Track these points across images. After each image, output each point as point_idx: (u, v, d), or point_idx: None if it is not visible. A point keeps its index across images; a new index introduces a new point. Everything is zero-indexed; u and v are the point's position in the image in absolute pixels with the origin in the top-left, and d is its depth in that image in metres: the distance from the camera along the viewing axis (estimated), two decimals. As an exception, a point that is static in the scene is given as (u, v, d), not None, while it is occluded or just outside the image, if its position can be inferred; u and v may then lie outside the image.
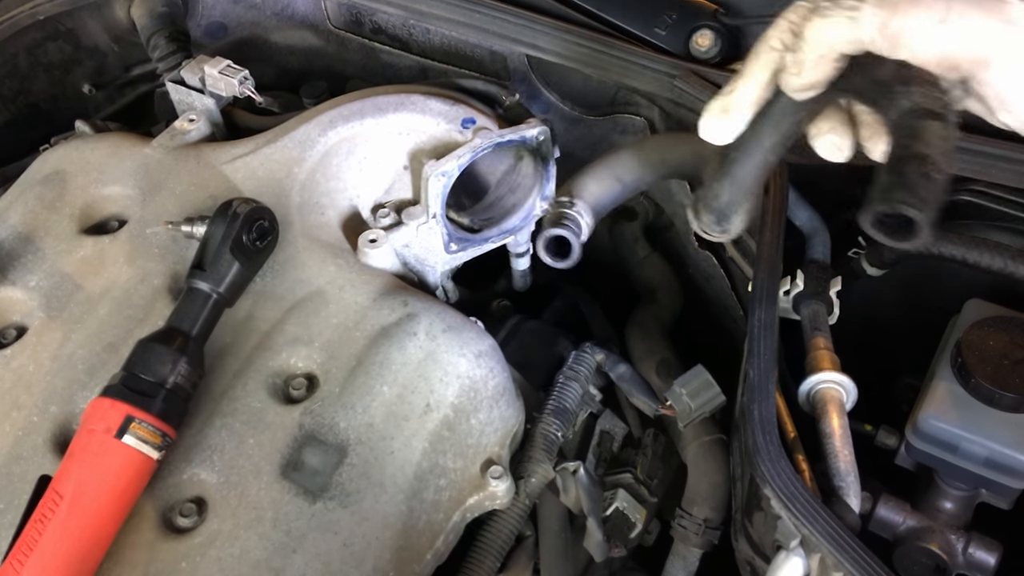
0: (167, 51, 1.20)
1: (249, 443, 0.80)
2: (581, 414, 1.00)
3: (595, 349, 1.00)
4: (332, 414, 0.81)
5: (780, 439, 0.76)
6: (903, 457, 0.90)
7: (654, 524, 0.99)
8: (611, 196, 0.95)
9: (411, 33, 1.23)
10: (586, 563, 0.96)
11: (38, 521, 0.71)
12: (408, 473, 0.80)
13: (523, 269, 1.16)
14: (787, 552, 0.73)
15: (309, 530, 0.76)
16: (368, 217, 0.99)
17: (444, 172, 0.94)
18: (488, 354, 0.88)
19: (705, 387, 0.92)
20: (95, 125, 1.15)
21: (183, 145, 1.03)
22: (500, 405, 0.88)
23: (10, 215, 0.99)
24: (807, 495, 0.72)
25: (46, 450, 0.81)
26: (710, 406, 0.93)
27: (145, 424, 0.74)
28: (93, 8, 1.29)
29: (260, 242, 0.87)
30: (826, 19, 0.56)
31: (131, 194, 1.00)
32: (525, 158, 1.04)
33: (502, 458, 0.86)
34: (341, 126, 1.01)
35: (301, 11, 1.30)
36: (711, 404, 0.93)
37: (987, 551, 0.86)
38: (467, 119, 1.01)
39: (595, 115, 1.16)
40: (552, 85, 1.16)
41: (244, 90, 1.05)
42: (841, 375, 0.84)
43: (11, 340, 0.90)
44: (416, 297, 0.89)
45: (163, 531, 0.76)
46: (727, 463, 0.93)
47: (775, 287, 0.87)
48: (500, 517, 0.87)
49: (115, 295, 0.90)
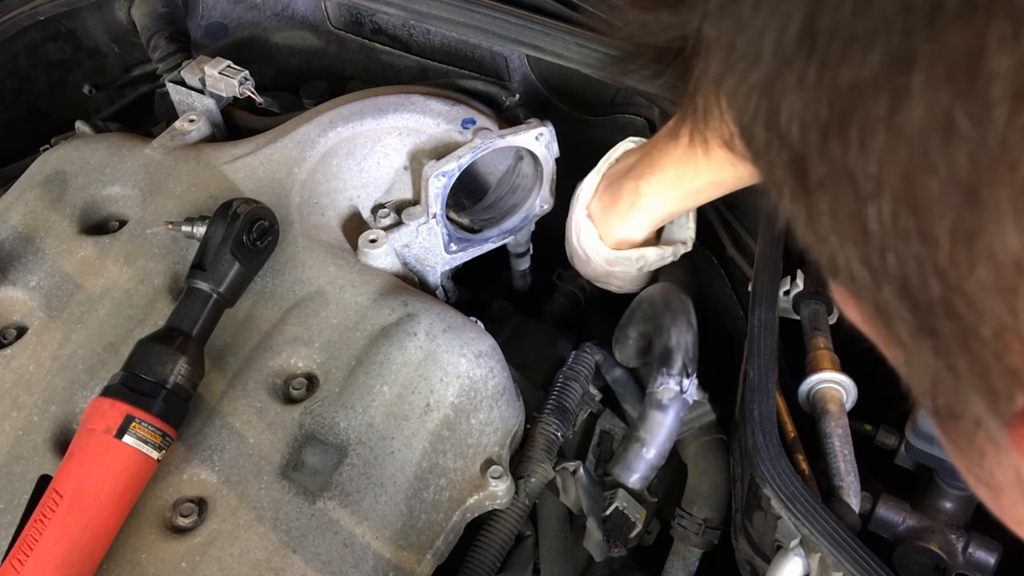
0: (167, 51, 1.20)
1: (249, 443, 0.80)
2: (581, 414, 1.00)
3: (595, 349, 1.00)
4: (332, 414, 0.81)
5: (780, 439, 0.76)
6: (903, 457, 0.90)
7: (654, 524, 0.99)
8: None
9: (411, 34, 1.23)
10: (586, 563, 0.96)
11: (38, 521, 0.71)
12: (408, 473, 0.80)
13: (523, 269, 1.16)
14: (787, 552, 0.73)
15: (309, 530, 0.76)
16: (368, 217, 0.99)
17: (444, 172, 0.94)
18: (488, 354, 0.88)
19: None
20: (95, 125, 1.15)
21: (183, 145, 1.03)
22: (500, 405, 0.88)
23: (10, 215, 0.99)
24: (807, 495, 0.72)
25: (46, 450, 0.81)
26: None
27: (145, 424, 0.74)
28: (93, 8, 1.29)
29: (260, 242, 0.87)
30: None
31: (131, 194, 1.00)
32: (525, 158, 1.04)
33: (502, 458, 0.86)
34: (341, 126, 1.01)
35: (301, 11, 1.30)
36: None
37: (987, 551, 0.86)
38: (467, 119, 1.01)
39: (595, 115, 1.16)
40: (552, 85, 1.16)
41: (244, 90, 1.05)
42: (841, 375, 0.84)
43: (11, 340, 0.90)
44: (416, 297, 0.89)
45: (163, 531, 0.76)
46: (727, 463, 0.93)
47: (775, 287, 0.87)
48: (500, 517, 0.87)
49: (115, 295, 0.90)
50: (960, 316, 0.23)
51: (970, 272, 0.22)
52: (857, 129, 0.23)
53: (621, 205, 0.93)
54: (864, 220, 0.24)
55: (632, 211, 0.93)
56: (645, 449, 0.87)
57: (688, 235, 0.99)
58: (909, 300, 0.25)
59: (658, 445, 0.87)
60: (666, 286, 0.96)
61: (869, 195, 0.24)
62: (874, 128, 0.23)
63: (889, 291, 0.25)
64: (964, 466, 0.29)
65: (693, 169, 0.86)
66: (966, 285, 0.22)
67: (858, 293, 0.27)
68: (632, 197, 0.92)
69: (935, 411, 0.28)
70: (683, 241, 0.99)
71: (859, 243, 0.25)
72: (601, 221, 0.96)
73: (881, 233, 0.24)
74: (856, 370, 0.85)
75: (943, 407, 0.27)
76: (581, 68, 1.05)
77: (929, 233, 0.23)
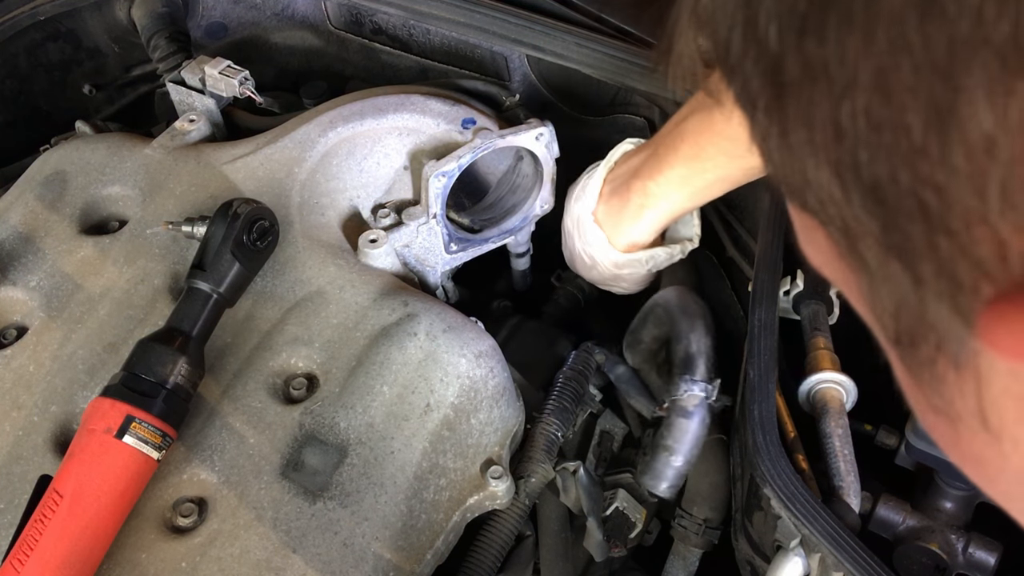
0: (167, 51, 1.20)
1: (249, 443, 0.80)
2: (581, 414, 1.00)
3: (595, 349, 1.00)
4: (332, 414, 0.81)
5: (780, 439, 0.76)
6: (903, 457, 0.90)
7: (654, 524, 0.99)
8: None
9: (411, 34, 1.23)
10: (586, 563, 0.96)
11: (38, 521, 0.71)
12: (408, 473, 0.80)
13: (523, 269, 1.16)
14: (787, 552, 0.73)
15: (309, 530, 0.76)
16: (368, 217, 0.99)
17: (444, 172, 0.94)
18: (488, 354, 0.88)
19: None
20: (95, 125, 1.15)
21: (183, 145, 1.03)
22: (500, 405, 0.88)
23: (10, 215, 0.99)
24: (807, 495, 0.72)
25: (46, 450, 0.81)
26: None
27: (145, 424, 0.74)
28: (93, 8, 1.29)
29: (260, 242, 0.87)
30: None
31: (131, 194, 1.00)
32: (525, 158, 1.04)
33: (502, 458, 0.86)
34: (341, 126, 1.01)
35: (301, 11, 1.30)
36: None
37: (987, 551, 0.86)
38: (467, 119, 1.01)
39: (595, 115, 1.16)
40: (552, 85, 1.16)
41: (244, 90, 1.05)
42: (841, 375, 0.84)
43: (11, 340, 0.90)
44: (416, 297, 0.89)
45: (163, 531, 0.76)
46: (727, 463, 0.93)
47: (775, 287, 0.87)
48: (500, 517, 0.87)
49: (115, 295, 0.90)
50: (929, 210, 0.24)
51: (941, 159, 0.23)
52: (835, 16, 0.24)
53: (630, 207, 0.93)
54: (839, 118, 0.24)
55: (642, 212, 0.93)
56: (674, 457, 0.87)
57: (694, 232, 0.99)
58: (878, 204, 0.25)
59: (685, 452, 0.88)
60: (679, 289, 0.96)
61: (844, 90, 0.24)
62: (851, 13, 0.23)
63: (858, 199, 0.26)
64: (923, 399, 0.30)
65: (701, 164, 0.86)
66: (937, 174, 0.23)
67: (825, 213, 0.28)
68: (641, 198, 0.92)
69: (896, 340, 0.28)
70: (689, 238, 0.99)
71: (831, 147, 0.25)
72: (609, 225, 0.96)
73: (854, 130, 0.24)
74: (856, 370, 0.85)
75: (904, 333, 0.28)
76: (581, 68, 1.05)
77: (901, 122, 0.23)
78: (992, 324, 0.24)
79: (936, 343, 0.27)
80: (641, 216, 0.93)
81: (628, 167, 0.94)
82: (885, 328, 0.29)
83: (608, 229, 0.96)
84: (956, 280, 0.24)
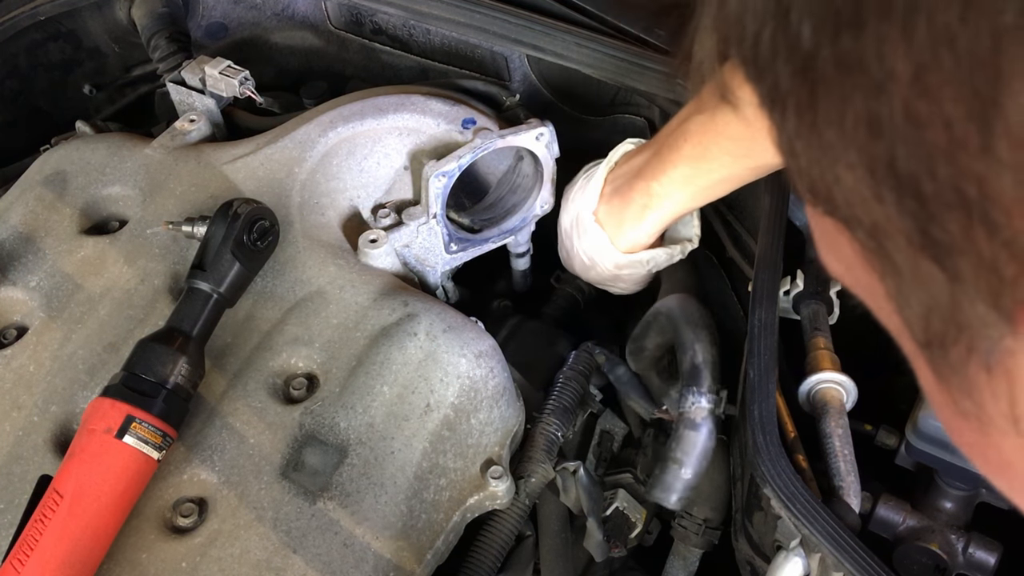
0: (167, 51, 1.20)
1: (249, 443, 0.80)
2: (581, 414, 1.00)
3: (595, 349, 1.00)
4: (332, 414, 0.81)
5: (780, 439, 0.76)
6: (903, 457, 0.90)
7: (654, 524, 0.99)
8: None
9: (411, 34, 1.23)
10: (586, 563, 0.96)
11: (38, 521, 0.71)
12: (408, 473, 0.80)
13: (523, 269, 1.16)
14: (787, 552, 0.73)
15: (309, 530, 0.76)
16: (368, 217, 0.99)
17: (444, 172, 0.94)
18: (488, 354, 0.88)
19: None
20: (96, 125, 1.15)
21: (183, 145, 1.03)
22: (500, 405, 0.88)
23: (11, 215, 0.99)
24: (807, 495, 0.72)
25: (46, 450, 0.81)
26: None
27: (146, 424, 0.74)
28: (93, 8, 1.29)
29: (261, 242, 0.87)
30: None
31: (131, 194, 1.00)
32: (525, 158, 1.04)
33: (502, 458, 0.86)
34: (341, 127, 1.01)
35: (301, 11, 1.30)
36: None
37: (987, 551, 0.86)
38: (467, 119, 1.01)
39: (595, 115, 1.16)
40: (552, 85, 1.16)
41: (244, 90, 1.05)
42: (841, 375, 0.84)
43: (11, 340, 0.90)
44: (416, 297, 0.89)
45: (163, 531, 0.76)
46: (727, 463, 0.93)
47: (775, 287, 0.87)
48: (500, 517, 0.87)
49: (115, 295, 0.90)
50: (969, 203, 0.23)
51: (983, 151, 0.22)
52: (873, 10, 0.23)
53: (633, 208, 0.93)
54: (874, 114, 0.24)
55: (645, 212, 0.92)
56: (683, 470, 0.87)
57: (694, 232, 0.99)
58: (913, 200, 0.24)
59: (694, 464, 0.88)
60: (682, 297, 0.96)
61: (880, 85, 0.24)
62: (890, 6, 0.23)
63: (892, 196, 0.25)
64: (951, 404, 0.29)
65: (705, 164, 0.86)
66: (978, 166, 0.22)
67: (853, 215, 0.27)
68: (644, 198, 0.91)
69: (926, 343, 0.28)
70: (689, 239, 0.99)
71: (866, 144, 0.25)
72: (611, 225, 0.96)
73: (891, 125, 0.24)
74: (856, 370, 0.85)
75: (935, 335, 0.27)
76: (581, 68, 1.05)
77: (941, 114, 0.23)
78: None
79: (968, 344, 0.26)
80: (644, 216, 0.93)
81: (630, 167, 0.94)
82: (913, 332, 0.28)
83: (609, 229, 0.96)
84: (997, 274, 0.24)
